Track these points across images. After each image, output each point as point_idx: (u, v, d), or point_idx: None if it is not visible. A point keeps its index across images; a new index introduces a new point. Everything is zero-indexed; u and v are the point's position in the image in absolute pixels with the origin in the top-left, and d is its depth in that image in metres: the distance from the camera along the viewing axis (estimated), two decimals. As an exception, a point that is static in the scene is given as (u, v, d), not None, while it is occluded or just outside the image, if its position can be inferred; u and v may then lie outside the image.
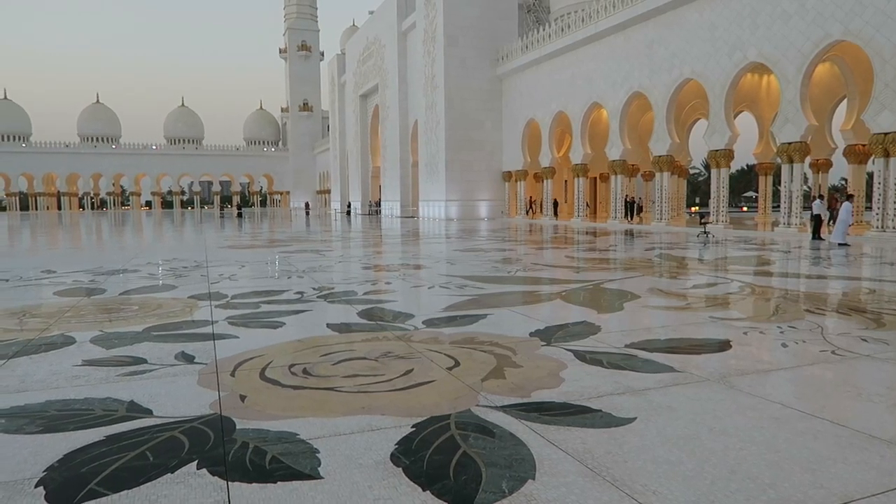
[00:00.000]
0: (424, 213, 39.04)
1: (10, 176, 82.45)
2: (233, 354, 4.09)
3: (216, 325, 5.08)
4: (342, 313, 5.66)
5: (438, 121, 36.36)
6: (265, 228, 27.33)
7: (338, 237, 20.11)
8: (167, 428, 2.77)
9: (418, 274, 8.93)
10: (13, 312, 5.87)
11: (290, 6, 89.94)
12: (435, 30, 36.29)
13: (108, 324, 5.20)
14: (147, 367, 3.79)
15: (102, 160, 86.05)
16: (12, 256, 13.65)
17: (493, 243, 15.69)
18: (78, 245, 17.44)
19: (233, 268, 9.80)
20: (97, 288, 7.50)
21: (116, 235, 22.56)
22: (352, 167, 60.40)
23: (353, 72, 57.95)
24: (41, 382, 3.50)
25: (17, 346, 4.37)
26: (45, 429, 2.79)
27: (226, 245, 15.73)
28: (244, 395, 3.22)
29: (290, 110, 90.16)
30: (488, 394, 3.22)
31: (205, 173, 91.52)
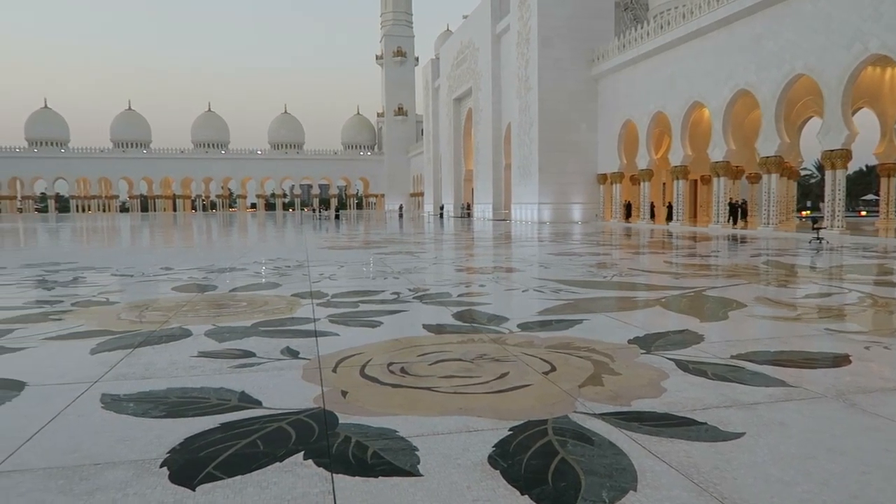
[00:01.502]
0: (516, 215, 38.87)
1: (132, 180, 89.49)
2: (334, 351, 4.24)
3: (318, 322, 5.29)
4: (437, 314, 5.74)
5: (532, 123, 36.11)
6: (361, 230, 28.15)
7: (431, 239, 20.40)
8: (275, 419, 2.92)
9: (511, 277, 8.91)
10: (137, 305, 6.38)
11: (386, 13, 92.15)
12: (529, 31, 36.08)
13: (219, 318, 5.53)
14: (255, 361, 4.00)
15: (213, 165, 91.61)
16: (136, 254, 14.81)
17: (588, 247, 15.39)
18: (192, 244, 18.68)
19: (332, 268, 10.17)
20: (209, 284, 8.00)
21: (225, 235, 23.95)
22: (445, 170, 61.06)
23: (446, 76, 58.61)
24: (163, 371, 3.77)
25: (142, 337, 4.73)
26: (168, 414, 3.01)
27: (325, 246, 16.34)
28: (345, 391, 3.33)
29: (386, 115, 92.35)
30: (586, 400, 3.17)
31: (305, 177, 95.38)
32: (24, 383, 3.50)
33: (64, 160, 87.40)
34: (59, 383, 3.54)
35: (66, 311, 5.97)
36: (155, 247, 17.71)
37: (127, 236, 24.13)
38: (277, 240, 21.09)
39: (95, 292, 7.38)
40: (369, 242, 18.07)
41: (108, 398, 3.24)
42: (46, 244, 19.11)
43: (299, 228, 30.06)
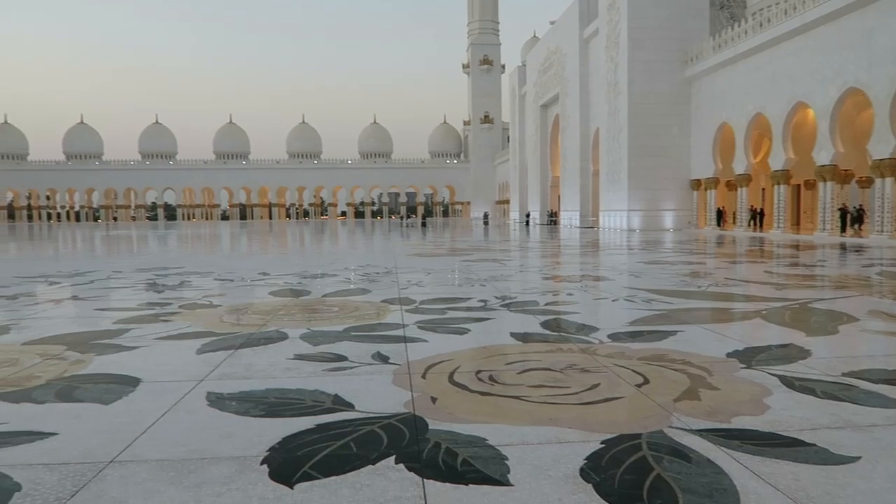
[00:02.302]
0: (605, 223, 38.02)
1: (232, 189, 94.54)
2: (423, 357, 4.30)
3: (407, 328, 5.38)
4: (525, 323, 5.70)
5: (621, 128, 35.28)
6: (447, 237, 28.41)
7: (517, 247, 20.30)
8: (367, 422, 2.99)
9: (600, 286, 8.72)
10: (238, 308, 6.72)
11: (472, 23, 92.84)
12: (618, 35, 35.31)
13: (313, 322, 5.73)
14: (348, 365, 4.12)
15: (306, 175, 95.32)
16: (236, 260, 15.62)
17: (681, 255, 14.83)
18: (286, 251, 19.50)
19: (419, 274, 10.32)
20: (304, 290, 8.31)
21: (317, 243, 24.83)
22: (531, 177, 60.69)
23: (533, 82, 58.29)
24: (262, 372, 3.95)
25: (242, 339, 4.98)
26: (267, 413, 3.14)
27: (412, 253, 16.61)
28: (435, 398, 3.36)
29: (472, 123, 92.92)
30: (682, 415, 3.05)
31: (393, 185, 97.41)
32: (140, 379, 3.77)
33: (172, 172, 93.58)
34: (170, 380, 3.78)
35: (175, 313, 6.37)
36: (253, 253, 18.61)
37: (227, 243, 25.49)
38: (366, 247, 21.64)
39: (200, 295, 7.84)
40: (455, 250, 18.20)
41: (212, 396, 3.43)
42: (156, 250, 20.50)
43: (387, 236, 30.72)
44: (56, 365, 4.15)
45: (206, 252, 19.38)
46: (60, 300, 7.72)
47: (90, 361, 4.25)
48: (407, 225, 56.13)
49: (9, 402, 3.35)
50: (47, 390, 3.55)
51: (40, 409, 3.25)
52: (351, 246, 22.59)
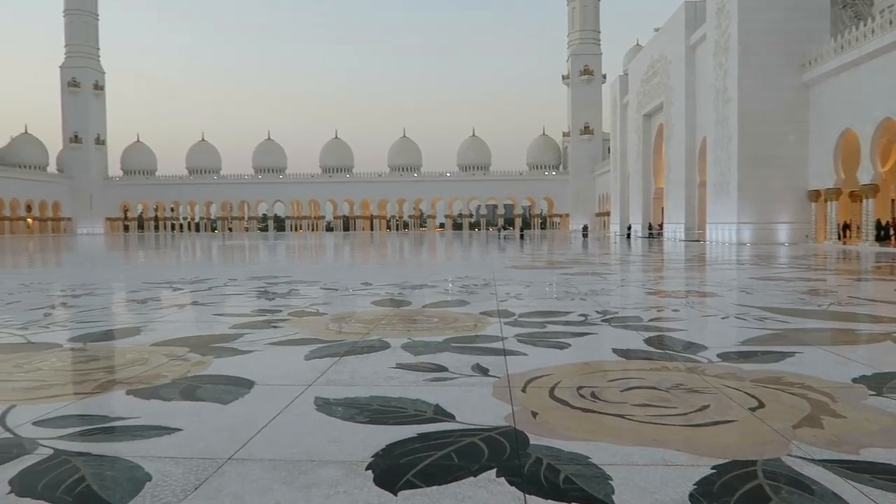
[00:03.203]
0: (712, 236, 36.28)
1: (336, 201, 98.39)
2: (522, 371, 4.27)
3: (506, 341, 5.37)
4: (627, 339, 5.54)
5: (730, 136, 33.62)
6: (545, 250, 28.11)
7: (618, 260, 19.77)
8: (468, 434, 3.01)
9: (708, 302, 8.32)
10: (342, 317, 6.97)
11: (573, 33, 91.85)
12: (728, 40, 33.76)
13: (414, 332, 5.84)
14: (448, 375, 4.16)
15: (406, 187, 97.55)
16: (340, 270, 16.22)
17: (797, 271, 13.88)
18: (387, 261, 20.01)
19: (518, 287, 10.28)
20: (404, 300, 8.50)
21: (416, 254, 25.31)
22: (632, 189, 58.99)
23: (635, 92, 56.79)
24: (366, 379, 4.07)
25: (347, 347, 5.16)
26: (371, 420, 3.23)
27: (510, 265, 16.57)
28: (535, 412, 3.34)
29: (572, 134, 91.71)
30: (802, 443, 2.85)
31: (490, 197, 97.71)
32: (254, 382, 3.99)
33: (281, 185, 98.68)
34: (280, 384, 3.98)
35: (284, 320, 6.70)
36: (355, 263, 19.24)
37: (332, 253, 26.52)
38: (464, 258, 21.81)
39: (307, 304, 8.20)
40: (554, 262, 17.97)
41: (320, 401, 3.57)
42: (267, 259, 21.66)
43: (484, 248, 30.83)
44: (180, 365, 4.47)
45: (313, 262, 20.25)
46: (183, 305, 8.31)
47: (210, 363, 4.55)
48: (504, 237, 56.08)
49: (141, 398, 3.65)
50: (173, 389, 3.83)
51: (167, 405, 3.51)
52: (449, 257, 22.85)
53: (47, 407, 3.46)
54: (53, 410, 3.39)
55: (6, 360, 4.79)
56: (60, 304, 8.59)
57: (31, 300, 8.93)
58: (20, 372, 4.35)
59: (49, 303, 8.70)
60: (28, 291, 10.18)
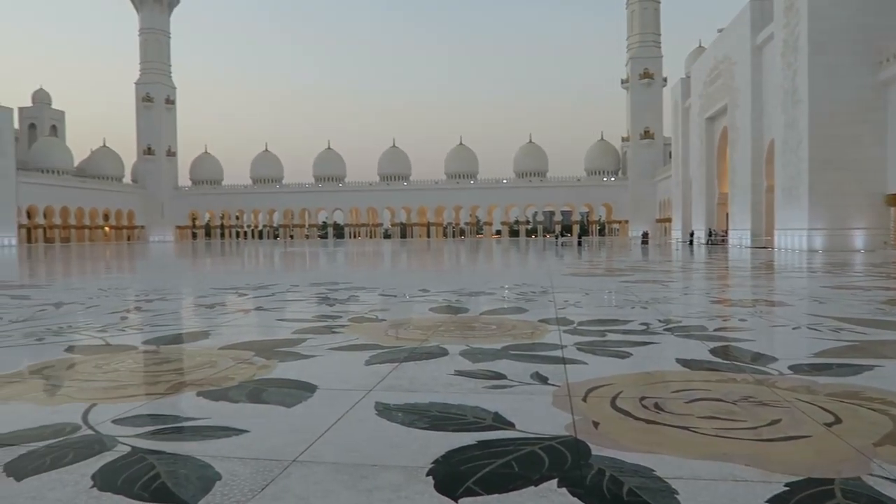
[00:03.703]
0: (781, 243, 34.89)
1: (394, 209, 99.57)
2: (583, 380, 4.21)
3: (565, 349, 5.31)
4: (692, 349, 5.38)
5: (800, 139, 32.30)
6: (604, 257, 27.66)
7: (680, 268, 19.25)
8: (528, 442, 2.98)
9: (777, 311, 8.00)
10: (401, 323, 7.04)
11: (632, 36, 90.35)
12: (797, 38, 32.50)
13: (472, 339, 5.85)
14: (506, 383, 4.15)
15: (462, 194, 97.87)
16: (398, 276, 16.41)
17: (875, 280, 13.18)
18: (444, 268, 20.11)
19: (577, 295, 10.15)
20: (461, 307, 8.52)
21: (473, 261, 25.33)
22: (695, 194, 57.40)
23: (698, 94, 55.32)
24: (425, 386, 4.10)
25: (406, 353, 5.21)
26: (430, 426, 3.25)
27: (568, 272, 16.37)
28: (597, 422, 3.28)
29: (631, 139, 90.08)
30: (885, 463, 2.70)
31: (548, 203, 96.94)
32: (316, 386, 4.08)
33: (341, 193, 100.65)
34: (342, 389, 4.05)
35: (345, 326, 6.82)
36: (413, 270, 19.41)
37: (389, 260, 26.84)
38: (521, 266, 21.69)
39: (367, 310, 8.32)
40: (613, 270, 17.66)
41: (380, 406, 3.62)
42: (327, 266, 22.11)
43: (542, 254, 30.57)
44: (246, 368, 4.61)
45: (371, 269, 20.55)
46: (248, 310, 8.58)
47: (274, 367, 4.68)
48: (562, 244, 55.49)
49: (210, 399, 3.78)
50: (240, 391, 3.96)
51: (234, 407, 3.63)
52: (506, 264, 22.77)
53: (125, 406, 3.64)
54: (130, 409, 3.56)
55: (87, 360, 5.06)
56: (135, 308, 9.01)
57: (109, 304, 9.39)
58: (100, 372, 4.58)
59: (125, 307, 9.14)
60: (106, 296, 10.72)
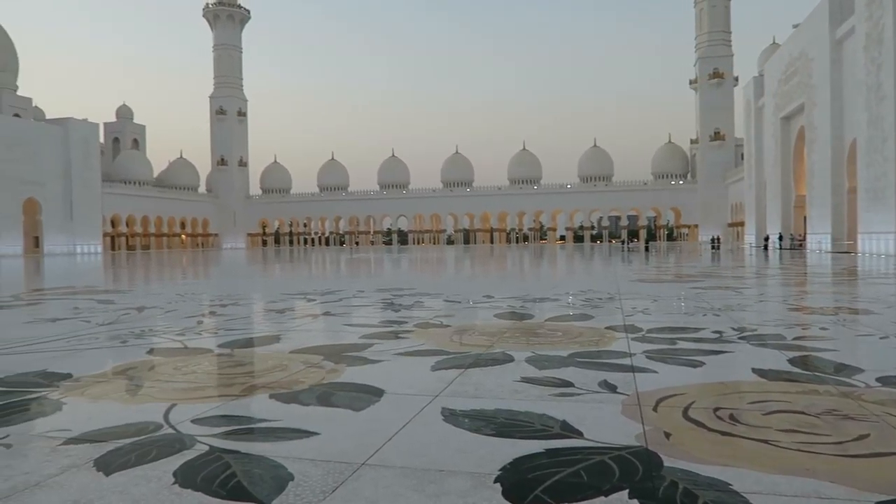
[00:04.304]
0: (864, 247, 33.01)
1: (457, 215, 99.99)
2: (653, 389, 4.11)
3: (634, 357, 5.19)
4: (769, 359, 5.16)
5: (886, 137, 30.52)
6: (673, 262, 26.88)
7: (754, 273, 18.49)
8: (597, 451, 2.93)
9: (862, 320, 7.56)
10: (466, 329, 7.05)
11: (701, 35, 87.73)
12: (881, 31, 30.77)
13: (537, 346, 5.80)
14: (574, 391, 4.09)
15: (525, 200, 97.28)
16: (462, 282, 16.45)
17: (973, 287, 12.27)
18: (508, 274, 20.02)
19: (645, 301, 9.90)
20: (526, 313, 8.46)
21: (537, 267, 25.12)
22: (769, 197, 55.07)
23: (772, 93, 53.13)
24: (490, 392, 4.09)
25: (471, 359, 5.21)
26: (497, 433, 3.24)
27: (635, 278, 16.00)
28: (668, 433, 3.19)
29: (700, 141, 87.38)
30: None
31: (613, 208, 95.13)
32: (383, 391, 4.13)
33: (405, 200, 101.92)
34: (408, 394, 4.09)
35: (410, 331, 6.89)
36: (476, 276, 19.42)
37: (453, 266, 26.94)
38: (586, 271, 21.35)
39: (431, 315, 8.38)
40: (683, 276, 17.13)
41: (446, 412, 3.63)
42: (391, 272, 22.40)
43: (608, 260, 30.00)
44: (316, 372, 4.73)
45: (435, 275, 20.69)
46: (316, 315, 8.79)
47: (342, 371, 4.77)
48: (628, 249, 54.29)
49: (282, 402, 3.90)
50: (310, 394, 4.05)
51: (305, 410, 3.72)
52: (571, 270, 22.47)
53: (202, 406, 3.79)
54: (207, 410, 3.71)
55: (167, 362, 5.30)
56: (210, 312, 9.39)
57: (187, 309, 9.82)
58: (179, 374, 4.80)
59: (201, 311, 9.53)
60: (184, 301, 11.21)
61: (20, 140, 72.43)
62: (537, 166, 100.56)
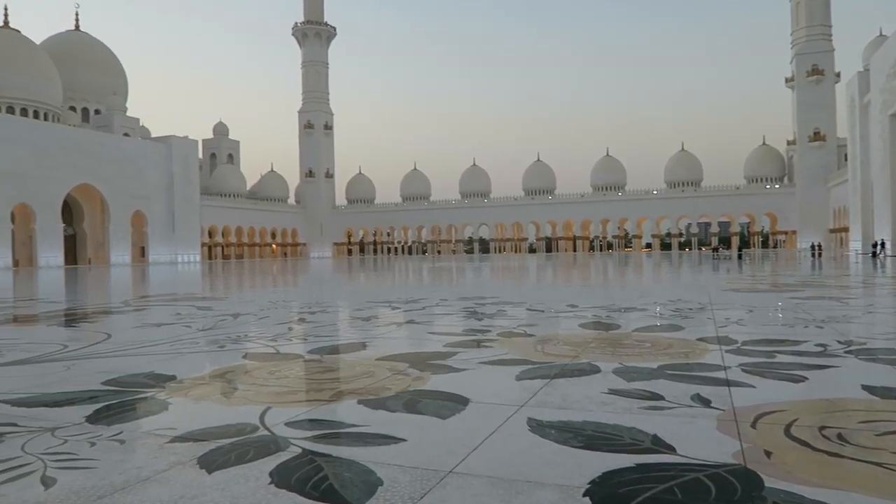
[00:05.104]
0: None
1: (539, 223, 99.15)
2: (750, 404, 3.91)
3: (728, 370, 4.96)
4: (881, 375, 4.80)
5: None
6: (769, 271, 25.52)
7: (862, 283, 17.25)
8: (691, 468, 2.82)
9: None
10: (550, 339, 6.97)
11: (797, 30, 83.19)
12: None
13: (624, 357, 5.65)
14: (664, 405, 3.95)
15: (610, 207, 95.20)
16: (545, 291, 16.28)
17: None
18: (592, 283, 19.63)
19: (739, 312, 9.45)
20: (612, 323, 8.26)
21: (622, 275, 24.49)
22: (878, 200, 51.34)
23: (879, 89, 49.62)
24: (577, 403, 4.02)
25: (556, 369, 5.15)
26: (585, 445, 3.18)
27: (728, 287, 15.30)
28: (769, 451, 3.03)
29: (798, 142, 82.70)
30: None
31: (702, 214, 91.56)
32: (468, 399, 4.15)
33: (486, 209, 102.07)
34: (493, 403, 4.09)
35: (494, 340, 6.88)
36: (560, 285, 19.15)
37: (535, 275, 26.70)
38: (674, 280, 20.61)
39: (515, 324, 8.34)
40: (780, 285, 16.22)
41: (533, 422, 3.60)
42: (473, 281, 22.46)
43: (697, 268, 28.84)
44: (402, 379, 4.81)
45: (518, 283, 20.57)
46: (400, 323, 8.94)
47: (428, 379, 4.83)
48: (719, 257, 52.02)
49: (370, 408, 3.99)
50: (397, 401, 4.13)
51: (392, 416, 3.79)
52: (658, 279, 21.76)
53: (295, 410, 3.94)
54: (299, 414, 3.85)
55: (262, 367, 5.54)
56: (300, 319, 9.74)
57: (278, 315, 10.24)
58: (273, 378, 5.01)
59: (291, 318, 9.91)
60: (275, 308, 11.69)
61: (129, 157, 78.17)
62: (621, 172, 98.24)
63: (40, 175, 67.53)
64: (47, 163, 68.19)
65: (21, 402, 4.31)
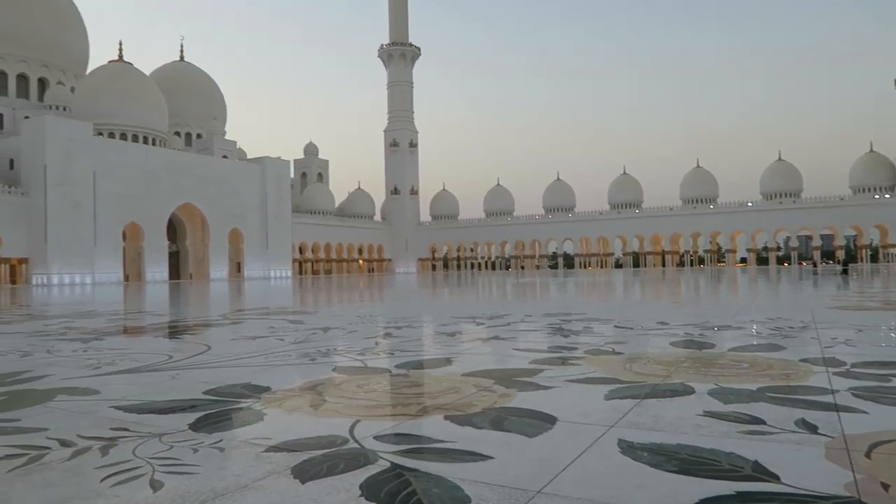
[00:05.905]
0: None
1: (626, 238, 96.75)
2: (863, 432, 3.63)
3: (837, 394, 4.63)
4: None
5: None
6: (879, 288, 23.68)
7: None
8: (797, 499, 2.65)
9: None
10: (639, 357, 6.75)
11: (910, 29, 77.39)
12: None
13: (720, 378, 5.39)
14: (766, 430, 3.73)
15: (701, 220, 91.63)
16: (633, 308, 15.82)
17: None
18: (682, 299, 18.89)
19: (846, 331, 8.81)
20: (706, 342, 7.90)
21: (715, 292, 23.42)
22: None
23: None
24: (670, 425, 3.87)
25: (647, 389, 4.97)
26: (679, 470, 3.05)
27: (833, 305, 14.31)
28: (886, 484, 2.79)
29: (912, 148, 76.63)
30: None
31: (802, 227, 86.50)
32: (556, 418, 4.08)
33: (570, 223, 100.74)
34: (582, 422, 4.00)
35: (581, 358, 6.74)
36: (648, 301, 18.55)
37: (623, 290, 25.99)
38: (773, 297, 19.51)
39: (602, 342, 8.14)
40: (894, 303, 15.00)
41: (623, 444, 3.49)
42: (559, 296, 22.14)
43: (797, 285, 27.17)
44: (487, 396, 4.79)
45: (604, 299, 20.09)
46: (486, 339, 8.92)
47: (514, 396, 4.79)
48: (821, 272, 48.83)
49: (456, 424, 3.99)
50: (483, 418, 4.11)
51: (479, 433, 3.78)
52: (755, 295, 20.66)
53: (383, 424, 4.00)
54: (387, 427, 3.91)
55: (351, 380, 5.68)
56: (386, 334, 9.92)
57: (366, 330, 10.47)
58: (361, 392, 5.12)
59: (378, 333, 10.11)
60: (363, 322, 11.97)
61: (227, 178, 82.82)
62: (713, 184, 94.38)
63: (149, 196, 72.83)
64: (155, 185, 73.51)
65: (132, 408, 4.61)
